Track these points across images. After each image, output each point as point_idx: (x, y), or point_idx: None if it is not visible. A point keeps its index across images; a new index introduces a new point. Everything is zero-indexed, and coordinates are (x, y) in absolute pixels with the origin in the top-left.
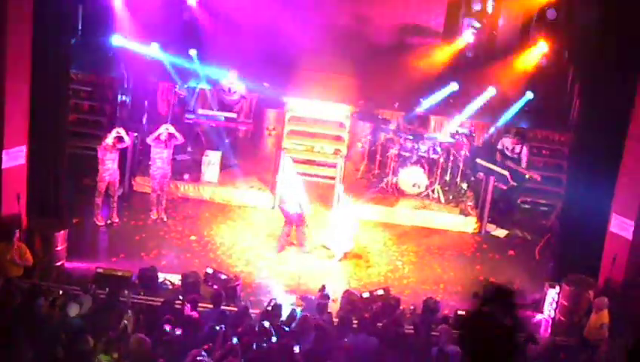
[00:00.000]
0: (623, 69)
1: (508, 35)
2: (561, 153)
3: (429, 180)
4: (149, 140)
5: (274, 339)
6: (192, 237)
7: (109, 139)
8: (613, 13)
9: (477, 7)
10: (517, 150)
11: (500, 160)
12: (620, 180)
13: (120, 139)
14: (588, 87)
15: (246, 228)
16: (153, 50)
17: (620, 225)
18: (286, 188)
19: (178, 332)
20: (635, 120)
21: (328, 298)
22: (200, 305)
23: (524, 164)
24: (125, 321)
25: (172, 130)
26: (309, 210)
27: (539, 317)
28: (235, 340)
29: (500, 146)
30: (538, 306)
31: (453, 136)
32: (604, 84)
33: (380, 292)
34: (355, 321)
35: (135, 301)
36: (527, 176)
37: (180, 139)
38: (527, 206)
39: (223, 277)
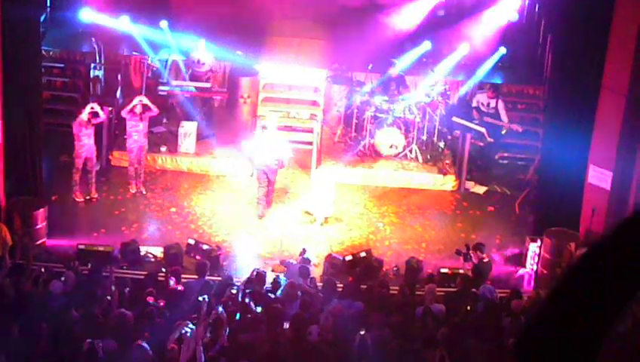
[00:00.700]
0: (594, 21)
1: None
2: (536, 107)
3: (406, 140)
4: (123, 113)
5: (258, 309)
6: (172, 209)
7: (84, 115)
8: None
9: None
10: (492, 105)
11: (478, 117)
12: (596, 131)
13: (95, 114)
14: (560, 40)
15: (225, 197)
16: (123, 23)
17: (597, 177)
18: (261, 146)
19: (162, 304)
20: (608, 71)
21: (309, 262)
22: (184, 276)
23: (504, 118)
24: (109, 296)
25: (146, 101)
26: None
27: (521, 271)
28: (220, 309)
29: (475, 103)
30: (520, 260)
31: (428, 95)
32: (576, 36)
33: (363, 254)
34: (340, 285)
35: (118, 275)
36: (503, 132)
37: (154, 111)
38: (505, 161)
39: (205, 247)
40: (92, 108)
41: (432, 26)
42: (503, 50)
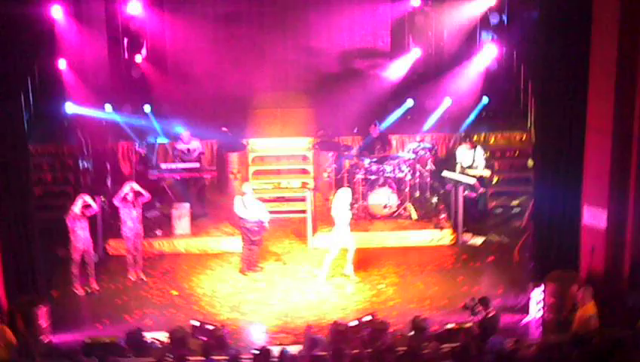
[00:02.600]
0: (572, 64)
1: (455, 44)
2: (525, 152)
3: (399, 199)
4: (115, 202)
5: None
6: (174, 292)
7: (77, 208)
8: (551, 10)
9: (420, 21)
10: (472, 155)
11: (462, 171)
12: (587, 171)
13: (87, 206)
14: (541, 85)
15: (225, 274)
16: (107, 113)
17: (593, 216)
18: (246, 209)
19: None
20: (591, 111)
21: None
22: (190, 358)
23: (481, 166)
24: None
25: (137, 187)
26: (267, 223)
27: (527, 318)
28: None
29: (458, 159)
30: (525, 307)
31: (415, 152)
32: (557, 80)
33: (368, 318)
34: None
35: None
36: (494, 181)
37: (146, 196)
38: (499, 210)
39: (210, 327)
40: (83, 200)
41: (413, 83)
42: (485, 100)
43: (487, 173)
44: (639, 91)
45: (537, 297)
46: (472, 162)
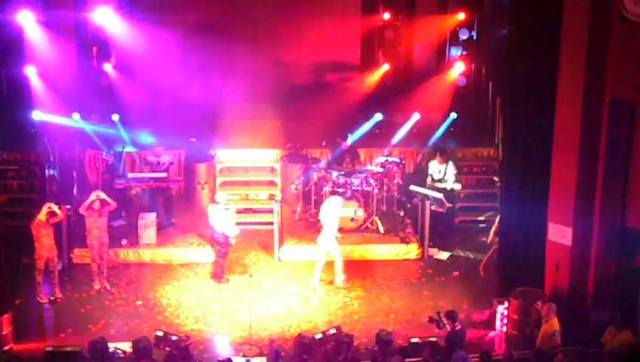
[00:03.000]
0: (540, 81)
1: (424, 59)
2: (492, 168)
3: (366, 213)
4: (81, 210)
5: None
6: (138, 302)
7: (42, 216)
8: (520, 27)
9: (390, 35)
10: (443, 170)
11: (431, 184)
12: (553, 189)
13: (52, 214)
14: (508, 101)
15: (190, 285)
16: (75, 121)
17: (557, 233)
18: (215, 219)
19: None
20: (558, 130)
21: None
22: None
23: (450, 180)
24: None
25: (103, 196)
26: (234, 236)
27: (492, 334)
28: None
29: (430, 171)
30: (489, 323)
31: (383, 166)
32: (524, 97)
33: (332, 331)
34: None
35: None
36: (461, 196)
37: (112, 205)
38: (465, 225)
39: (174, 338)
40: (49, 208)
41: (382, 97)
42: (453, 115)
43: (458, 186)
44: (606, 111)
45: (501, 313)
46: (442, 176)
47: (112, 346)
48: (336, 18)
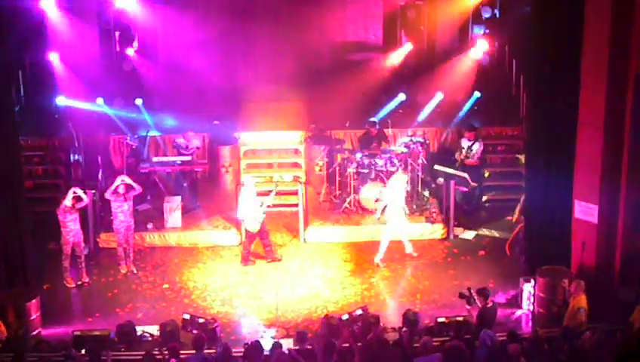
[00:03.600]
0: (564, 59)
1: (447, 38)
2: (517, 147)
3: None
4: (107, 195)
5: None
6: (165, 286)
7: (67, 201)
8: (543, 3)
9: (412, 15)
10: (473, 147)
11: (460, 158)
12: (578, 166)
13: (78, 198)
14: (533, 79)
15: (216, 268)
16: (99, 106)
17: (584, 211)
18: (245, 208)
19: None
20: (583, 107)
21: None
22: (182, 352)
23: (474, 158)
24: None
25: (128, 181)
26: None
27: (518, 312)
28: None
29: (461, 147)
30: (516, 302)
31: (407, 146)
32: (549, 74)
33: (359, 312)
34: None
35: (116, 358)
36: (486, 175)
37: (137, 189)
38: (490, 204)
39: (201, 320)
40: (74, 193)
41: (405, 77)
42: (477, 94)
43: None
44: (631, 86)
45: (528, 291)
46: (469, 153)
47: (139, 329)
48: None
